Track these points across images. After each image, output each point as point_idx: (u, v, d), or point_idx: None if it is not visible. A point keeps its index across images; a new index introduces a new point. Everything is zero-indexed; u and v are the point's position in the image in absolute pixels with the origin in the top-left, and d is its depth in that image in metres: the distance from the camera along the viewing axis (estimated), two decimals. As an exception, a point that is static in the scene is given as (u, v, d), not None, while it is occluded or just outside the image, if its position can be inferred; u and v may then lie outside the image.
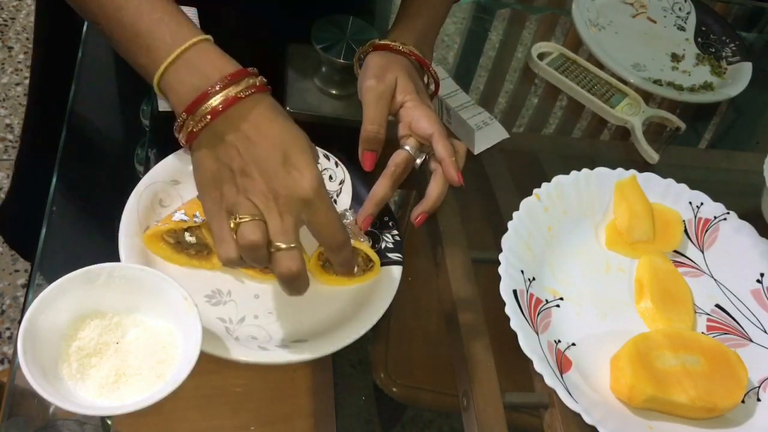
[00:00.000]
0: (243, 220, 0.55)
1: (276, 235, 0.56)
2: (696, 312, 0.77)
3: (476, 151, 0.86)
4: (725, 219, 0.84)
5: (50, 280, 0.58)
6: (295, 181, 0.56)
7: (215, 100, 0.56)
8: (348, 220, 0.71)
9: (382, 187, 0.72)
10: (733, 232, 0.83)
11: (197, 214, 0.66)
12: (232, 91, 0.57)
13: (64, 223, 0.71)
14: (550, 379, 0.65)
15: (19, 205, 1.19)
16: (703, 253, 0.83)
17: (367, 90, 0.73)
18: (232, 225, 0.56)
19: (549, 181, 0.81)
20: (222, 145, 0.57)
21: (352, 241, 0.68)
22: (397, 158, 0.73)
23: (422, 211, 0.74)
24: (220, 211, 0.57)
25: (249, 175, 0.56)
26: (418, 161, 0.75)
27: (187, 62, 0.58)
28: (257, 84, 0.59)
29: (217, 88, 0.57)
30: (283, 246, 0.56)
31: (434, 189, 0.74)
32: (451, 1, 0.85)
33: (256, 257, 0.57)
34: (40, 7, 1.00)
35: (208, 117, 0.56)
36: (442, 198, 0.75)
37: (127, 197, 0.69)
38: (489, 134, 0.87)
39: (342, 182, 0.77)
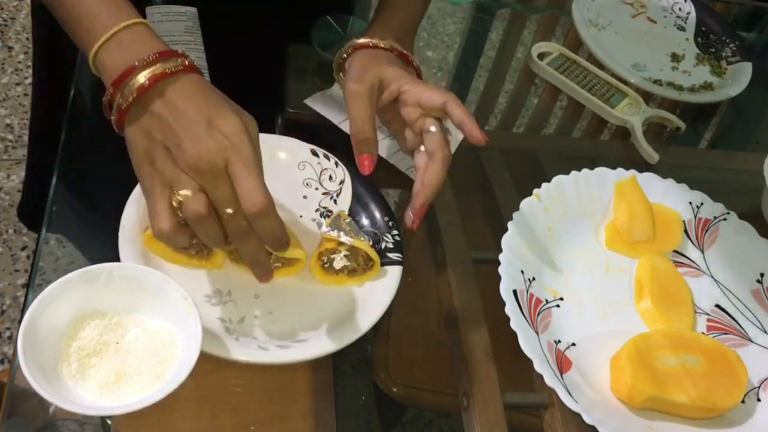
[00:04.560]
0: (185, 195, 0.56)
1: (220, 205, 0.56)
2: (696, 312, 0.77)
3: None
4: (725, 219, 0.84)
5: (50, 280, 0.58)
6: (219, 143, 0.56)
7: (142, 76, 0.57)
8: (347, 220, 0.71)
9: (436, 174, 0.70)
10: (733, 232, 0.83)
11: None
12: (159, 68, 0.57)
13: (64, 223, 0.71)
14: (550, 379, 0.65)
15: (36, 188, 1.19)
16: (703, 253, 0.83)
17: (348, 93, 0.72)
18: (174, 203, 0.56)
19: (549, 181, 0.81)
20: (150, 118, 0.58)
21: (352, 241, 0.68)
22: (436, 140, 0.71)
23: (423, 203, 0.71)
24: (155, 186, 0.57)
25: (179, 146, 0.56)
26: (457, 136, 0.72)
27: (120, 42, 0.59)
28: (186, 64, 0.59)
29: (144, 64, 0.57)
30: (230, 211, 0.56)
31: (434, 175, 0.70)
32: None
33: (207, 230, 0.57)
34: (35, 7, 1.00)
35: (135, 92, 0.57)
36: (443, 184, 0.71)
37: (127, 197, 0.69)
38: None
39: (342, 182, 0.77)
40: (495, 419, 0.65)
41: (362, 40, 0.75)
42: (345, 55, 0.76)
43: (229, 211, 0.56)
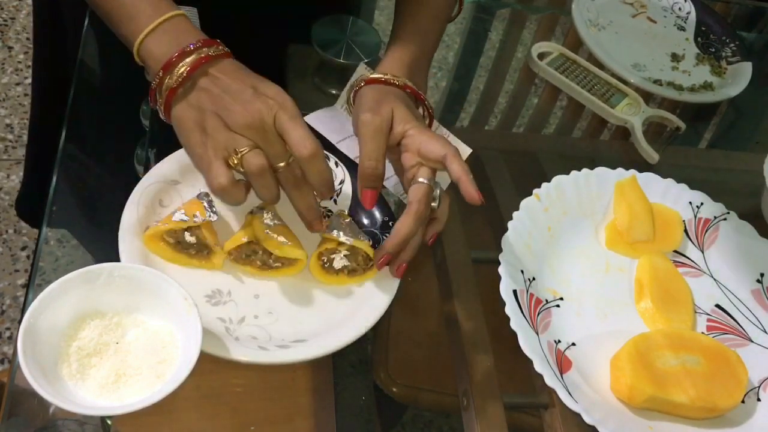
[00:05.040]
0: (244, 152, 0.61)
1: (274, 159, 0.62)
2: (696, 312, 0.77)
3: None
4: (725, 219, 0.84)
5: (50, 280, 0.58)
6: (266, 103, 0.62)
7: (190, 59, 0.63)
8: (347, 220, 0.71)
9: (406, 226, 0.67)
10: (733, 232, 0.83)
11: (197, 214, 0.66)
12: (204, 52, 0.63)
13: (64, 222, 0.71)
14: (550, 379, 0.65)
15: (35, 185, 1.19)
16: (703, 253, 0.83)
17: (363, 124, 0.69)
18: (235, 159, 0.61)
19: (549, 181, 0.81)
20: (198, 93, 0.63)
21: (352, 241, 0.68)
22: (418, 193, 0.68)
23: (386, 252, 0.67)
24: (208, 149, 0.62)
25: (230, 110, 0.62)
26: (437, 192, 0.70)
27: (165, 31, 0.64)
28: (226, 50, 0.65)
29: (192, 48, 0.63)
30: (283, 164, 0.62)
31: (402, 227, 0.67)
32: (444, 24, 0.82)
33: (267, 183, 0.62)
34: (37, 6, 1.00)
35: (184, 73, 0.62)
36: (410, 238, 0.67)
37: (127, 197, 0.69)
38: None
39: (342, 182, 0.77)
40: (495, 419, 0.65)
41: (375, 75, 0.74)
42: (356, 88, 0.74)
43: (283, 164, 0.62)
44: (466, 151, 0.80)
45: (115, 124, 0.81)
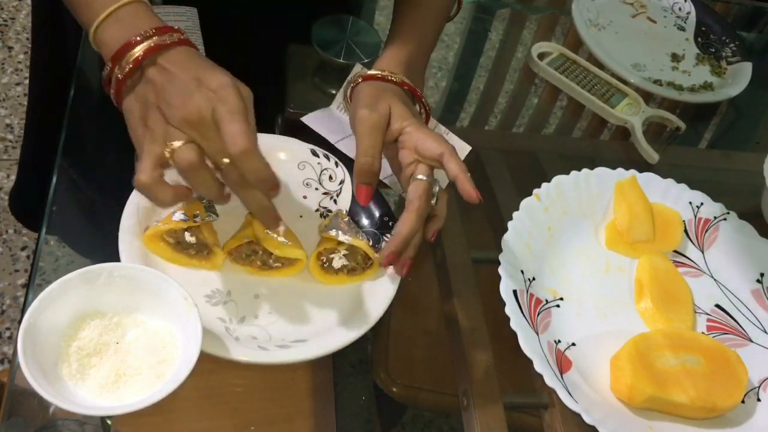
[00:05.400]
0: (175, 146, 0.57)
1: (215, 156, 0.58)
2: (696, 312, 0.77)
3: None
4: (725, 219, 0.84)
5: (50, 280, 0.58)
6: (206, 95, 0.58)
7: (139, 49, 0.60)
8: (345, 219, 0.71)
9: (408, 224, 0.66)
10: (733, 232, 0.83)
11: (197, 214, 0.66)
12: (155, 41, 0.60)
13: (64, 222, 0.71)
14: (550, 379, 0.65)
15: (28, 186, 1.19)
16: (703, 253, 0.83)
17: (360, 120, 0.69)
18: (167, 153, 0.58)
19: (549, 181, 0.81)
20: (144, 86, 0.60)
21: (351, 240, 0.68)
22: (417, 190, 0.68)
23: (390, 252, 0.67)
24: (144, 143, 0.59)
25: (169, 104, 0.58)
26: (436, 189, 0.70)
27: (118, 18, 0.62)
28: (181, 38, 0.62)
29: (139, 39, 0.60)
30: (226, 161, 0.58)
31: (405, 225, 0.67)
32: (443, 23, 0.83)
33: (202, 179, 0.58)
34: (35, 7, 1.00)
35: (132, 64, 0.60)
36: (414, 236, 0.68)
37: (127, 197, 0.69)
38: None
39: (342, 182, 0.77)
40: (495, 419, 0.65)
41: (372, 72, 0.74)
42: (353, 84, 0.74)
43: (226, 160, 0.58)
44: (465, 148, 0.80)
45: (115, 125, 0.81)
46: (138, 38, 0.60)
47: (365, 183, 0.69)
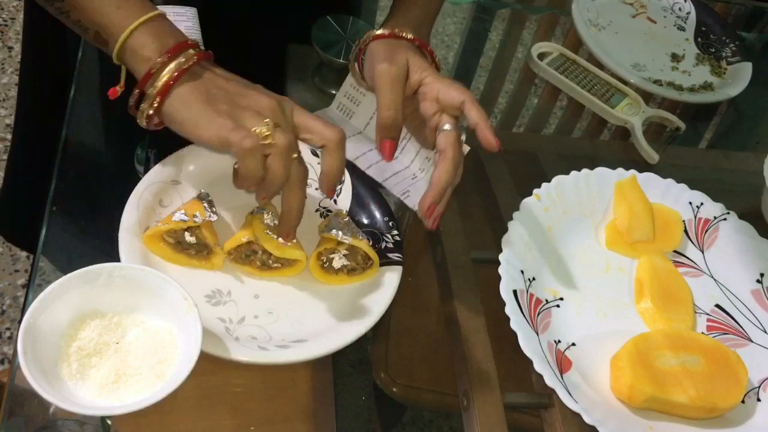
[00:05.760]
0: (271, 126, 0.59)
1: (291, 150, 0.61)
2: (696, 312, 0.77)
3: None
4: (725, 219, 0.84)
5: (50, 280, 0.58)
6: (282, 97, 0.62)
7: (163, 76, 0.60)
8: (345, 219, 0.71)
9: (445, 173, 0.68)
10: (733, 232, 0.83)
11: (197, 214, 0.66)
12: (174, 66, 0.61)
13: (64, 223, 0.71)
14: (550, 379, 0.65)
15: (14, 199, 1.18)
16: (703, 253, 0.83)
17: (380, 75, 0.70)
18: (265, 130, 0.59)
19: (549, 181, 0.81)
20: (203, 80, 0.61)
21: (351, 240, 0.68)
22: (448, 139, 0.69)
23: (431, 203, 0.69)
24: (226, 118, 0.59)
25: (241, 93, 0.61)
26: (464, 137, 0.71)
27: (130, 49, 0.62)
28: (200, 53, 0.62)
29: (158, 66, 0.60)
30: (295, 156, 0.62)
31: (442, 175, 0.68)
32: None
33: (287, 164, 0.61)
34: (28, 8, 1.00)
35: (184, 65, 0.61)
36: (449, 184, 0.69)
37: (127, 197, 0.69)
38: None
39: (342, 182, 0.77)
40: (495, 419, 0.65)
41: (381, 31, 0.74)
42: (362, 46, 0.75)
43: (295, 155, 0.61)
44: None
45: (115, 125, 0.81)
46: (154, 68, 0.60)
47: (389, 138, 0.70)
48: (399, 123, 0.70)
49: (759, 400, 0.71)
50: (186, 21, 0.85)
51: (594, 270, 0.79)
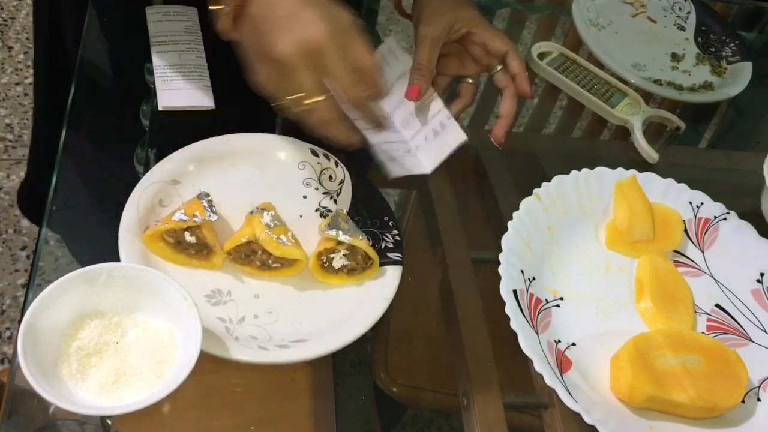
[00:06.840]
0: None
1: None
2: (696, 312, 0.77)
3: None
4: (725, 219, 0.84)
5: (50, 280, 0.58)
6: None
7: None
8: (345, 219, 0.71)
9: (510, 106, 0.84)
10: (733, 232, 0.83)
11: (197, 213, 0.66)
12: None
13: (64, 222, 0.71)
14: (550, 379, 0.65)
15: (38, 186, 1.19)
16: (703, 253, 0.83)
17: (418, 37, 0.80)
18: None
19: (549, 181, 0.81)
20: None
21: (350, 239, 0.68)
22: (504, 78, 0.84)
23: (505, 131, 0.83)
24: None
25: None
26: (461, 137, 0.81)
27: None
28: None
29: None
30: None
31: (509, 106, 0.84)
32: None
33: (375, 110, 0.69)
34: (36, 6, 1.00)
35: None
36: (514, 112, 0.85)
37: (127, 197, 0.69)
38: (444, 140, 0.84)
39: (342, 182, 0.77)
40: (495, 419, 0.65)
41: None
42: None
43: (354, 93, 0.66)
44: (460, 137, 0.80)
45: (115, 124, 0.81)
46: None
47: (419, 84, 0.80)
48: (431, 74, 0.81)
49: (759, 400, 0.71)
50: (186, 21, 0.85)
51: (594, 270, 0.79)
